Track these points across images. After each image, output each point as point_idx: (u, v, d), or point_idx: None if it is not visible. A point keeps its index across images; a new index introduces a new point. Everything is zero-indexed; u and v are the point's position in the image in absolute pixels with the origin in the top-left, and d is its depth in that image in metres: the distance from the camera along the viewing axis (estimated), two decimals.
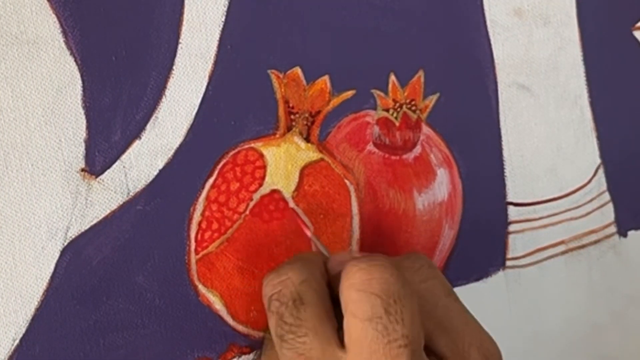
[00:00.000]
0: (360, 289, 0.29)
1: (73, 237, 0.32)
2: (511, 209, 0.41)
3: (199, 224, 0.34)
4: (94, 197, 0.32)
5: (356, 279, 0.29)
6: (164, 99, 0.33)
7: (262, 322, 0.35)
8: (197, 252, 0.34)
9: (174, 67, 0.33)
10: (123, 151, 0.33)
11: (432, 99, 0.39)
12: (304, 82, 0.36)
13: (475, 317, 0.32)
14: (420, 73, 0.38)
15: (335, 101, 0.36)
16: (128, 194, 0.33)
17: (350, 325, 0.29)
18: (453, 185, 0.39)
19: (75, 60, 0.31)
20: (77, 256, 0.32)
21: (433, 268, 0.33)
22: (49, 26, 0.31)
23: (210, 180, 0.34)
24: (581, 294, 0.43)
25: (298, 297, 0.30)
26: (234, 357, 0.35)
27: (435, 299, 0.31)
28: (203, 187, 0.34)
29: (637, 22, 0.44)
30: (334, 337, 0.30)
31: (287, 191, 0.35)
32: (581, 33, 0.42)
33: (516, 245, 0.41)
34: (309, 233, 0.34)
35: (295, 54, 0.35)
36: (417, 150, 0.38)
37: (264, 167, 0.35)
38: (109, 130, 0.32)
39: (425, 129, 0.39)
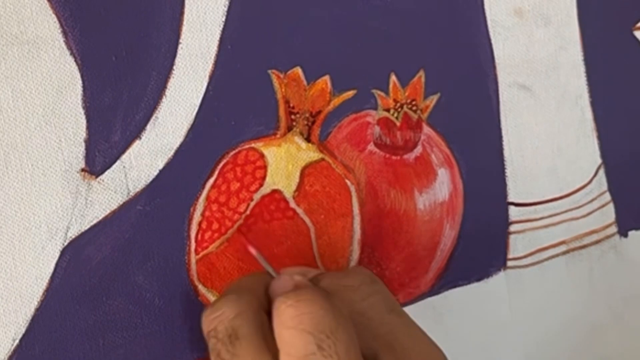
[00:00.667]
0: (290, 326, 0.28)
1: (73, 237, 0.32)
2: (512, 209, 0.41)
3: (199, 224, 0.34)
4: (94, 197, 0.32)
5: (285, 316, 0.28)
6: (164, 99, 0.33)
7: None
8: (197, 252, 0.34)
9: (174, 67, 0.33)
10: (123, 151, 0.33)
11: (433, 99, 0.39)
12: (305, 82, 0.36)
13: (421, 328, 0.31)
14: (421, 73, 0.38)
15: (336, 101, 0.36)
16: (128, 194, 0.33)
17: None
18: (454, 185, 0.39)
19: (76, 60, 0.31)
20: (77, 256, 0.32)
21: (375, 283, 0.32)
22: (49, 26, 0.31)
23: (211, 181, 0.34)
24: (582, 294, 0.43)
25: (233, 332, 0.29)
26: None
27: (378, 316, 0.31)
28: (203, 187, 0.34)
29: (637, 22, 0.44)
30: None
31: (288, 191, 0.35)
32: (582, 33, 0.42)
33: (517, 245, 0.41)
34: (253, 252, 0.33)
35: (295, 54, 0.35)
36: (418, 150, 0.38)
37: (264, 167, 0.35)
38: (109, 130, 0.32)
39: (426, 129, 0.39)
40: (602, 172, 0.43)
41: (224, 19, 0.34)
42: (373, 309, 0.31)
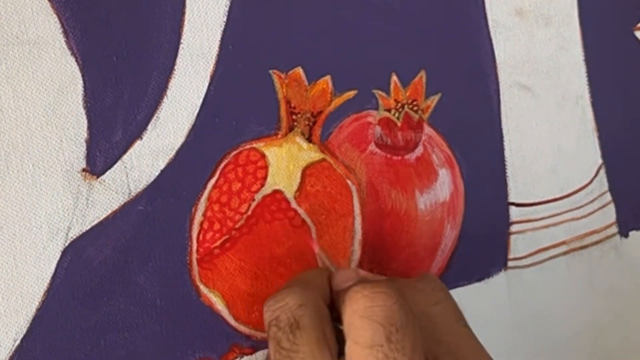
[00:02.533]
0: (363, 315, 0.29)
1: (74, 237, 0.32)
2: (513, 210, 0.41)
3: (201, 224, 0.34)
4: (95, 197, 0.32)
5: (359, 305, 0.29)
6: (165, 99, 0.33)
7: (264, 322, 0.35)
8: (198, 253, 0.34)
9: (175, 67, 0.33)
10: (124, 151, 0.32)
11: (434, 99, 0.39)
12: (306, 82, 0.36)
13: (482, 344, 0.32)
14: (422, 73, 0.38)
15: (337, 101, 0.36)
16: (129, 194, 0.33)
17: (352, 351, 0.29)
18: (455, 186, 0.39)
19: (77, 60, 0.31)
20: (78, 256, 0.32)
21: (445, 291, 0.33)
22: (50, 26, 0.31)
23: (212, 181, 0.34)
24: (582, 294, 0.43)
25: (295, 321, 0.30)
26: (236, 357, 0.35)
27: (445, 323, 0.31)
28: (205, 188, 0.34)
29: (638, 22, 0.44)
30: None
31: (289, 191, 0.35)
32: (582, 33, 0.42)
33: (518, 245, 0.41)
34: (316, 249, 0.35)
35: (296, 54, 0.35)
36: (419, 150, 0.38)
37: (265, 167, 0.35)
38: (110, 131, 0.32)
39: (427, 129, 0.39)
40: (602, 172, 0.43)
41: (225, 19, 0.34)
42: (442, 315, 0.32)
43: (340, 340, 0.30)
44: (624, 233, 0.44)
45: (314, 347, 0.29)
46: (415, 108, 0.38)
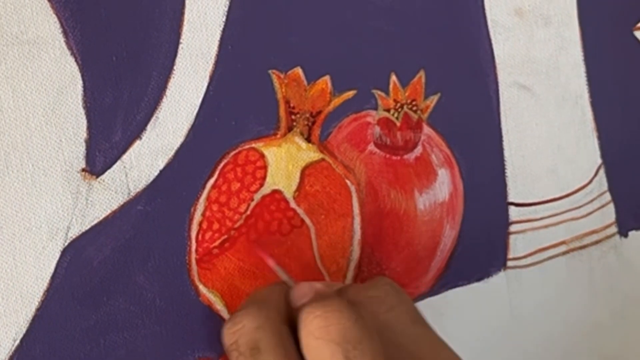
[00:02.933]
0: (318, 336, 0.28)
1: (74, 237, 0.32)
2: (512, 209, 0.41)
3: (200, 224, 0.34)
4: (95, 197, 0.32)
5: (313, 326, 0.29)
6: (164, 99, 0.33)
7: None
8: (197, 253, 0.34)
9: (175, 67, 0.33)
10: (124, 151, 0.32)
11: (433, 99, 0.39)
12: (305, 82, 0.36)
13: (443, 340, 0.32)
14: (421, 73, 0.38)
15: (336, 101, 0.36)
16: (129, 194, 0.33)
17: None
18: (454, 186, 0.39)
19: (76, 61, 0.31)
20: (77, 256, 0.32)
21: (399, 294, 0.32)
22: (50, 26, 0.31)
23: (211, 181, 0.34)
24: (582, 294, 0.43)
25: (254, 345, 0.29)
26: None
27: (402, 327, 0.31)
28: (204, 188, 0.34)
29: (637, 22, 0.44)
30: None
31: (288, 191, 0.35)
32: (582, 33, 0.42)
33: (517, 245, 0.41)
34: (271, 264, 0.34)
35: (296, 54, 0.35)
36: (418, 150, 0.38)
37: (264, 167, 0.35)
38: (110, 131, 0.32)
39: (426, 129, 0.39)
40: (602, 172, 0.43)
41: (224, 19, 0.34)
42: (398, 319, 0.31)
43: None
44: (623, 233, 0.44)
45: None
46: (414, 108, 0.38)
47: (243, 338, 0.30)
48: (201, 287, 0.34)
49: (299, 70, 0.35)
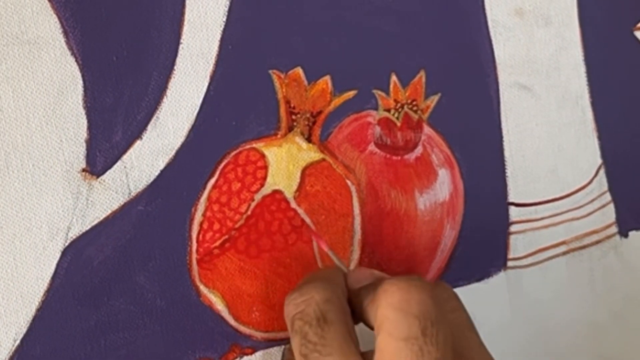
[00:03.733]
0: (398, 308, 0.28)
1: (74, 237, 0.32)
2: (512, 210, 0.41)
3: (201, 224, 0.34)
4: (95, 197, 0.32)
5: (395, 297, 0.29)
6: (165, 99, 0.33)
7: (264, 322, 0.35)
8: (198, 253, 0.34)
9: (175, 67, 0.33)
10: (124, 151, 0.32)
11: (434, 99, 0.39)
12: (305, 82, 0.36)
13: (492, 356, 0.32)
14: (422, 73, 0.38)
15: (337, 101, 0.36)
16: (129, 194, 0.33)
17: (385, 344, 0.28)
18: (454, 186, 0.39)
19: (77, 61, 0.31)
20: (78, 256, 0.32)
21: (459, 301, 0.33)
22: (50, 26, 0.31)
23: (212, 181, 0.34)
24: (582, 294, 0.43)
25: (322, 316, 0.30)
26: (236, 357, 0.35)
27: (460, 330, 0.31)
28: (204, 188, 0.34)
29: (638, 22, 0.44)
30: (358, 356, 0.29)
31: (289, 191, 0.35)
32: (582, 33, 0.42)
33: (517, 245, 0.41)
34: (326, 248, 0.35)
35: (296, 54, 0.35)
36: (419, 150, 0.38)
37: (265, 167, 0.35)
38: (110, 131, 0.32)
39: (427, 129, 0.39)
40: (602, 172, 0.43)
41: (224, 19, 0.34)
42: (457, 322, 0.32)
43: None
44: (623, 233, 0.44)
45: (342, 341, 0.29)
46: (414, 108, 0.38)
47: (311, 308, 0.30)
48: (202, 288, 0.34)
49: (299, 70, 0.35)
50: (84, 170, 0.32)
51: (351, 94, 0.37)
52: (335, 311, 0.30)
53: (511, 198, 0.41)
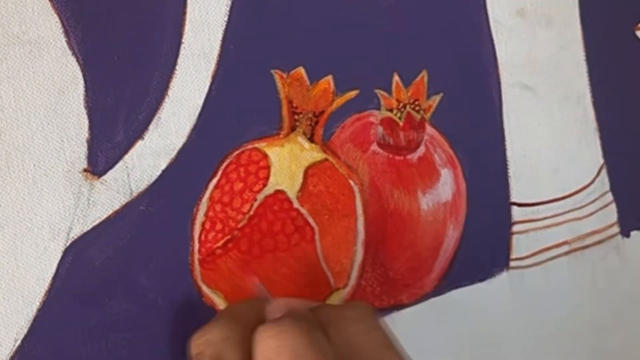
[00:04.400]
0: (270, 357, 0.28)
1: (75, 237, 0.32)
2: (515, 210, 0.41)
3: (203, 224, 0.34)
4: (97, 197, 0.32)
5: (266, 346, 0.29)
6: (166, 99, 0.33)
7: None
8: (200, 253, 0.34)
9: (177, 67, 0.33)
10: (126, 151, 0.32)
11: (436, 99, 0.39)
12: (308, 82, 0.36)
13: None
14: (424, 73, 0.38)
15: (339, 101, 0.36)
16: (131, 194, 0.33)
17: None
18: (457, 186, 0.39)
19: (78, 60, 0.31)
20: (79, 257, 0.32)
21: (375, 319, 0.32)
22: (51, 26, 0.31)
23: (214, 181, 0.34)
24: (584, 294, 0.43)
25: (219, 356, 0.29)
26: None
27: (375, 351, 0.31)
28: (206, 188, 0.34)
29: (639, 22, 0.44)
30: None
31: (292, 192, 0.35)
32: (584, 33, 0.42)
33: (520, 245, 0.41)
34: (254, 280, 0.34)
35: (298, 54, 0.35)
36: (421, 150, 0.38)
37: (268, 167, 0.35)
38: (112, 131, 0.32)
39: (429, 129, 0.39)
40: (604, 172, 0.43)
41: (226, 19, 0.34)
42: (372, 343, 0.31)
43: None
44: (625, 233, 0.44)
45: None
46: (417, 108, 0.38)
47: (209, 349, 0.30)
48: (204, 288, 0.34)
49: (301, 70, 0.35)
50: (85, 170, 0.32)
51: (353, 93, 0.37)
52: (234, 351, 0.29)
53: (513, 198, 0.41)
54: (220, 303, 0.34)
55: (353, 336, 0.31)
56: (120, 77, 0.32)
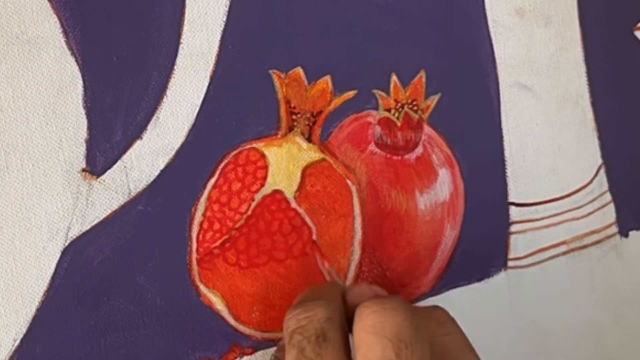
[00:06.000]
0: (371, 331, 0.29)
1: (74, 237, 0.32)
2: (513, 209, 0.41)
3: (201, 224, 0.34)
4: (95, 197, 0.32)
5: (368, 321, 0.29)
6: (165, 99, 0.33)
7: (264, 322, 0.35)
8: (198, 253, 0.34)
9: (175, 67, 0.33)
10: (124, 151, 0.32)
11: (434, 99, 0.39)
12: (306, 82, 0.36)
13: None
14: (422, 73, 0.38)
15: (337, 101, 0.36)
16: (129, 194, 0.33)
17: None
18: (455, 186, 0.39)
19: (76, 60, 0.31)
20: (78, 256, 0.32)
21: (457, 324, 0.33)
22: (50, 26, 0.31)
23: (212, 181, 0.34)
24: (582, 294, 0.43)
25: (322, 333, 0.30)
26: (236, 357, 0.35)
27: (458, 352, 0.32)
28: (204, 188, 0.34)
29: (638, 22, 0.44)
30: None
31: (289, 191, 0.35)
32: (582, 33, 0.42)
33: (518, 245, 0.41)
34: (327, 265, 0.35)
35: (296, 54, 0.35)
36: (419, 150, 0.38)
37: (265, 167, 0.35)
38: (110, 131, 0.32)
39: (427, 129, 0.39)
40: (602, 172, 0.43)
41: (225, 19, 0.34)
42: (455, 344, 0.32)
43: None
44: (623, 233, 0.44)
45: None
46: (415, 108, 0.38)
47: (312, 325, 0.30)
48: (202, 288, 0.34)
49: (299, 70, 0.35)
50: (83, 170, 0.32)
51: (351, 93, 0.37)
52: (335, 330, 0.30)
53: (511, 198, 0.41)
54: (218, 303, 0.34)
55: (438, 336, 0.31)
56: (119, 77, 0.32)
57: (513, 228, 0.41)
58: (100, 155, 0.32)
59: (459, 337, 0.32)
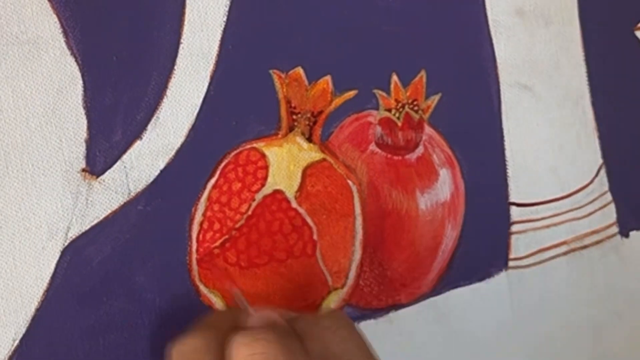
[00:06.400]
0: None
1: (73, 237, 0.32)
2: (513, 210, 0.41)
3: (201, 224, 0.34)
4: (95, 197, 0.32)
5: (239, 353, 0.29)
6: (165, 99, 0.33)
7: None
8: (198, 253, 0.34)
9: (175, 67, 0.33)
10: (124, 151, 0.32)
11: (434, 99, 0.39)
12: (306, 82, 0.36)
13: None
14: (422, 73, 0.38)
15: (337, 101, 0.36)
16: (129, 194, 0.33)
17: None
18: (455, 186, 0.39)
19: (76, 60, 0.31)
20: (77, 256, 0.32)
21: (352, 329, 0.32)
22: (50, 26, 0.31)
23: (212, 181, 0.34)
24: (583, 294, 0.43)
25: None
26: None
27: (354, 359, 0.31)
28: (205, 188, 0.34)
29: (638, 22, 0.44)
30: None
31: (290, 191, 0.35)
32: (583, 33, 0.42)
33: (518, 245, 0.41)
34: (234, 289, 0.34)
35: (297, 54, 0.35)
36: (420, 150, 0.38)
37: (266, 167, 0.35)
38: (110, 131, 0.32)
39: (428, 129, 0.39)
40: (603, 172, 0.43)
41: (225, 19, 0.34)
42: (349, 352, 0.31)
43: None
44: (624, 233, 0.44)
45: None
46: (415, 108, 0.38)
47: (182, 358, 0.30)
48: (202, 287, 0.34)
49: (300, 70, 0.35)
50: (83, 170, 0.32)
51: (352, 93, 0.37)
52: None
53: (512, 198, 0.41)
54: (217, 302, 0.34)
55: (330, 345, 0.31)
56: (118, 77, 0.32)
57: (514, 228, 0.41)
58: (100, 155, 0.32)
59: (353, 344, 0.31)
